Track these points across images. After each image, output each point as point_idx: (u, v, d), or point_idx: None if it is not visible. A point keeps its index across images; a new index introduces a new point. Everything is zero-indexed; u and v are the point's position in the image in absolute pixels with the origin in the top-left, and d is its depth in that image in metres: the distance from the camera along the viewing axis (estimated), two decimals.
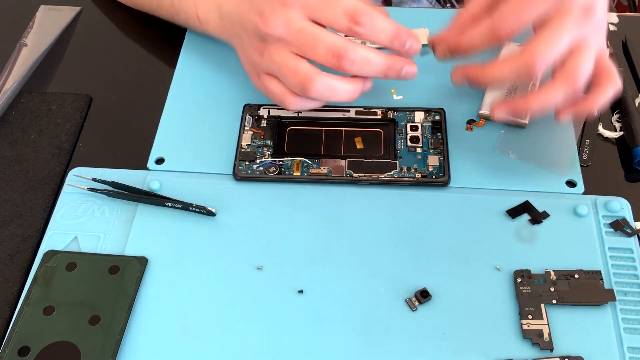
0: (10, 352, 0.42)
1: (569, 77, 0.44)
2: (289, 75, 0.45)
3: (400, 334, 0.43)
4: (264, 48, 0.46)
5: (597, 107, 0.46)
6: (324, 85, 0.44)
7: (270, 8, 0.45)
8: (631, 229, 0.47)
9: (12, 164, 0.52)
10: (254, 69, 0.48)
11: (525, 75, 0.44)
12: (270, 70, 0.47)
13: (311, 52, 0.44)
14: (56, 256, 0.46)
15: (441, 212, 0.48)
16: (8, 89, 0.56)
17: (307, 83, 0.44)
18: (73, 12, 0.64)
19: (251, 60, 0.48)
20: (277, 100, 0.47)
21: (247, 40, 0.48)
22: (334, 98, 0.46)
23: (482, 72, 0.46)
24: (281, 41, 0.45)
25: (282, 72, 0.45)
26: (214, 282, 0.45)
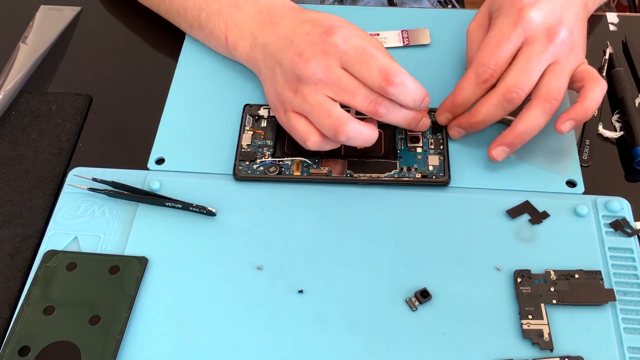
0: (11, 352, 0.42)
1: (542, 96, 0.47)
2: (322, 117, 0.46)
3: (400, 334, 0.43)
4: (298, 87, 0.47)
5: (590, 109, 0.47)
6: (354, 130, 0.46)
7: (312, 52, 0.47)
8: (631, 229, 0.47)
9: (12, 164, 0.52)
10: (282, 105, 0.49)
11: (508, 106, 0.48)
12: (300, 109, 0.47)
13: (348, 97, 0.46)
14: (56, 256, 0.46)
15: (441, 212, 0.48)
16: (8, 89, 0.56)
17: (340, 127, 0.46)
18: (73, 12, 0.64)
19: (281, 96, 0.49)
20: (300, 138, 0.48)
21: (280, 77, 0.49)
22: (358, 142, 0.47)
23: (472, 117, 0.50)
24: (319, 84, 0.46)
25: (314, 113, 0.46)
26: (214, 282, 0.45)
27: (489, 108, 0.48)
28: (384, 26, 0.60)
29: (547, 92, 0.47)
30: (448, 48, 0.59)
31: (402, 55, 0.57)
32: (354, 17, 0.62)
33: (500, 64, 0.48)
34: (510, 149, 0.49)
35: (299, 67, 0.47)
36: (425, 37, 0.59)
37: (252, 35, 0.53)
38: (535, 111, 0.47)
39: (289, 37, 0.49)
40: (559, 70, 0.48)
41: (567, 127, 0.47)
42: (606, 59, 0.58)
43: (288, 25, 0.50)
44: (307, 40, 0.48)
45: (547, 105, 0.47)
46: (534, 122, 0.47)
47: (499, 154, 0.49)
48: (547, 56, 0.48)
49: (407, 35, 0.59)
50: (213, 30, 0.55)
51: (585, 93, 0.48)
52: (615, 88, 0.56)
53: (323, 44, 0.47)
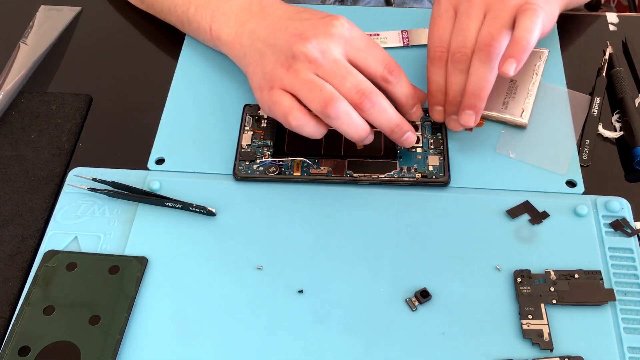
0: (11, 352, 0.42)
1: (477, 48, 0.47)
2: (313, 91, 0.45)
3: (400, 334, 0.43)
4: (291, 64, 0.46)
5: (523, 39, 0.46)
6: (344, 109, 0.45)
7: (313, 32, 0.46)
8: (631, 229, 0.47)
9: (12, 164, 0.52)
10: (268, 82, 0.48)
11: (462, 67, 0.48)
12: (289, 85, 0.46)
13: (338, 81, 0.45)
14: (56, 256, 0.46)
15: (441, 212, 0.48)
16: (8, 89, 0.56)
17: (331, 100, 0.45)
18: (73, 12, 0.64)
19: (270, 74, 0.47)
20: (282, 112, 0.47)
21: (271, 56, 0.48)
22: (345, 127, 0.46)
23: (448, 96, 0.50)
24: (313, 63, 0.46)
25: (305, 87, 0.46)
26: (214, 282, 0.45)
27: (451, 79, 0.49)
28: (384, 26, 0.60)
29: (479, 42, 0.47)
30: None
31: (402, 55, 0.57)
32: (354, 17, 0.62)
33: (443, 39, 0.49)
34: (473, 110, 0.48)
35: (297, 44, 0.46)
36: (425, 37, 0.59)
37: (239, 23, 0.52)
38: (473, 65, 0.47)
39: (283, 22, 0.49)
40: (490, 17, 0.48)
41: (508, 67, 0.46)
42: (606, 59, 0.58)
43: (282, 14, 0.50)
44: (308, 23, 0.47)
45: (481, 55, 0.47)
46: (476, 75, 0.47)
47: (465, 120, 0.48)
48: (474, 9, 0.48)
49: (407, 35, 0.59)
50: (200, 23, 0.55)
51: (515, 26, 0.47)
52: (615, 88, 0.56)
53: (327, 26, 0.47)
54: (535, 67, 0.55)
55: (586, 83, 0.56)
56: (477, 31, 0.48)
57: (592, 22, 0.62)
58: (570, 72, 0.57)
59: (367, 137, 0.47)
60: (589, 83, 0.56)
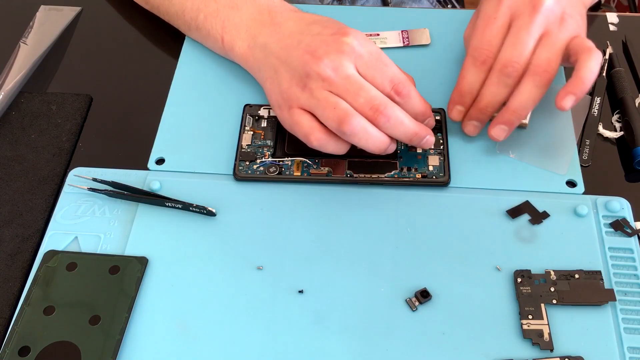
0: (11, 352, 0.42)
1: (532, 69, 0.47)
2: (327, 109, 0.46)
3: (400, 334, 0.43)
4: (306, 84, 0.47)
5: (586, 79, 0.46)
6: (359, 125, 0.45)
7: (325, 50, 0.47)
8: (631, 229, 0.47)
9: (12, 164, 0.52)
10: (286, 102, 0.48)
11: (508, 81, 0.48)
12: (306, 104, 0.47)
13: (351, 98, 0.46)
14: (56, 256, 0.46)
15: (441, 212, 0.48)
16: (8, 89, 0.56)
17: (345, 118, 0.45)
18: (73, 12, 0.64)
19: (287, 93, 0.48)
20: (303, 133, 0.47)
21: (285, 74, 0.48)
22: (363, 142, 0.46)
23: (479, 103, 0.50)
24: (326, 81, 0.46)
25: (320, 106, 0.46)
26: (214, 282, 0.45)
27: (491, 88, 0.49)
28: (384, 26, 0.60)
29: (535, 64, 0.47)
30: (448, 48, 0.59)
31: (402, 55, 0.57)
32: (354, 17, 0.62)
33: (493, 43, 0.48)
34: (508, 126, 0.49)
35: (310, 64, 0.46)
36: (425, 37, 0.59)
37: (251, 36, 0.53)
38: (526, 85, 0.47)
39: (295, 37, 0.49)
40: (548, 42, 0.47)
41: (568, 103, 0.46)
42: (606, 59, 0.58)
43: (292, 27, 0.50)
44: (318, 39, 0.48)
45: (537, 78, 0.47)
46: (525, 96, 0.47)
47: (498, 133, 0.49)
48: (535, 26, 0.47)
49: (407, 36, 0.59)
50: (210, 31, 0.55)
51: (579, 65, 0.47)
52: (615, 88, 0.56)
53: (338, 43, 0.47)
54: None
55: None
56: (533, 49, 0.47)
57: (592, 22, 0.62)
58: (570, 72, 0.56)
59: (389, 148, 0.47)
60: None
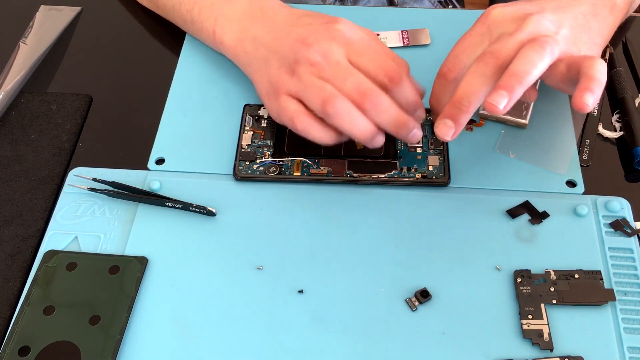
0: (11, 352, 0.42)
1: (533, 38, 0.43)
2: (313, 91, 0.45)
3: (400, 334, 0.43)
4: (295, 69, 0.46)
5: (599, 74, 0.42)
6: (344, 107, 0.45)
7: (315, 38, 0.46)
8: (631, 229, 0.47)
9: (12, 164, 0.52)
10: (274, 89, 0.48)
11: (485, 69, 0.43)
12: (293, 90, 0.47)
13: (339, 82, 0.45)
14: (56, 256, 0.46)
15: (441, 212, 0.48)
16: (8, 89, 0.56)
17: (329, 98, 0.44)
18: (73, 12, 0.64)
19: (275, 81, 0.48)
20: (288, 117, 0.47)
21: (275, 63, 0.48)
22: (347, 125, 0.45)
23: (455, 96, 0.44)
24: (315, 66, 0.46)
25: (307, 89, 0.46)
26: (214, 282, 0.45)
27: (467, 78, 0.44)
28: (384, 26, 0.60)
29: (536, 32, 0.44)
30: (448, 48, 0.58)
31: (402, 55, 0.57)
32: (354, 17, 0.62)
33: (459, 57, 0.47)
34: (508, 93, 0.42)
35: (300, 50, 0.46)
36: (425, 37, 0.59)
37: (241, 29, 0.52)
38: (524, 50, 0.43)
39: (286, 29, 0.49)
40: (544, 26, 0.44)
41: (588, 100, 0.41)
42: (606, 59, 0.58)
43: (283, 19, 0.50)
44: (309, 29, 0.48)
45: (534, 44, 0.43)
46: (525, 58, 0.42)
47: (496, 99, 0.42)
48: (521, 35, 0.44)
49: (407, 36, 0.59)
50: (203, 24, 0.55)
51: (585, 69, 0.43)
52: (615, 88, 0.56)
53: (329, 30, 0.47)
54: None
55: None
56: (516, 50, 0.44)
57: None
58: None
59: (377, 139, 0.46)
60: None
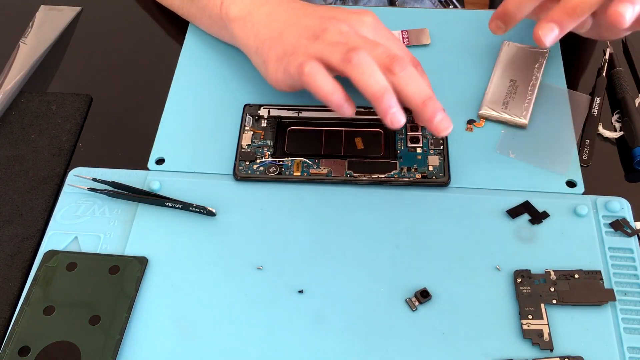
0: (11, 352, 0.42)
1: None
2: (337, 46, 0.44)
3: (400, 334, 0.43)
4: (320, 35, 0.46)
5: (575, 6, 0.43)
6: (367, 60, 0.43)
7: (345, 16, 0.47)
8: (631, 229, 0.47)
9: (12, 164, 0.52)
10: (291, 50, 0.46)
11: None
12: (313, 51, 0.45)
13: (368, 48, 0.45)
14: (56, 256, 0.46)
15: (441, 212, 0.48)
16: (8, 89, 0.56)
17: (355, 48, 0.44)
18: (73, 12, 0.64)
19: (293, 45, 0.46)
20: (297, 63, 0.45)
21: (294, 31, 0.47)
22: (366, 76, 0.43)
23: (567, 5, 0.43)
24: (343, 35, 0.46)
25: (331, 45, 0.44)
26: (214, 282, 0.45)
27: None
28: None
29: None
30: (448, 48, 0.59)
31: None
32: None
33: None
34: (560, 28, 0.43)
35: (329, 22, 0.46)
36: (425, 37, 0.59)
37: (253, 3, 0.52)
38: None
39: (309, 8, 0.49)
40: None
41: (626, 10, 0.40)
42: (606, 59, 0.58)
43: (303, 4, 0.50)
44: (339, 10, 0.48)
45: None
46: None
47: (546, 34, 0.43)
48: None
49: (407, 35, 0.59)
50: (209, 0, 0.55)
51: None
52: (615, 88, 0.56)
53: (359, 13, 0.48)
54: (536, 67, 0.55)
55: (586, 83, 0.56)
56: None
57: None
58: (570, 72, 0.57)
59: (394, 112, 0.43)
60: (589, 83, 0.56)
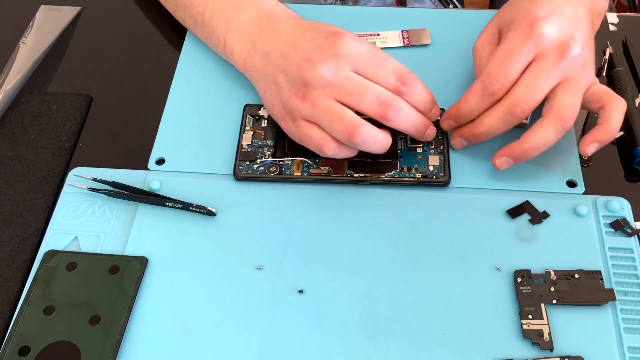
0: (11, 352, 0.42)
1: (555, 113, 0.46)
2: (334, 122, 0.45)
3: (400, 334, 0.43)
4: (306, 93, 0.46)
5: (615, 130, 0.46)
6: (368, 134, 0.45)
7: (320, 56, 0.46)
8: (631, 229, 0.47)
9: (12, 164, 0.52)
10: (289, 113, 0.48)
11: (512, 120, 0.47)
12: (310, 116, 0.46)
13: (358, 99, 0.45)
14: (56, 256, 0.46)
15: (441, 212, 0.48)
16: (8, 89, 0.56)
17: (354, 130, 0.45)
18: (73, 12, 0.64)
19: (288, 105, 0.47)
20: (315, 145, 0.47)
21: (284, 84, 0.48)
22: (372, 147, 0.46)
23: (475, 129, 0.49)
24: (327, 88, 0.45)
25: (325, 118, 0.45)
26: (214, 282, 0.45)
27: (492, 121, 0.47)
28: (384, 26, 0.60)
29: (560, 109, 0.46)
30: (448, 48, 0.59)
31: (402, 55, 0.57)
32: (354, 17, 0.62)
33: (508, 78, 0.46)
34: (514, 161, 0.48)
35: (307, 71, 0.46)
36: (426, 37, 0.59)
37: (251, 41, 0.52)
38: (546, 128, 0.46)
39: (292, 44, 0.48)
40: (572, 88, 0.46)
41: (592, 149, 0.47)
42: (606, 59, 0.58)
43: (290, 34, 0.50)
44: (313, 45, 0.47)
45: (559, 123, 0.45)
46: (543, 138, 0.46)
47: (502, 164, 0.48)
48: (557, 72, 0.46)
49: (407, 35, 0.59)
50: (214, 30, 0.55)
51: (608, 114, 0.46)
52: (615, 88, 0.55)
53: (333, 46, 0.46)
54: None
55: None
56: (547, 94, 0.47)
57: None
58: None
59: (389, 143, 0.47)
60: None
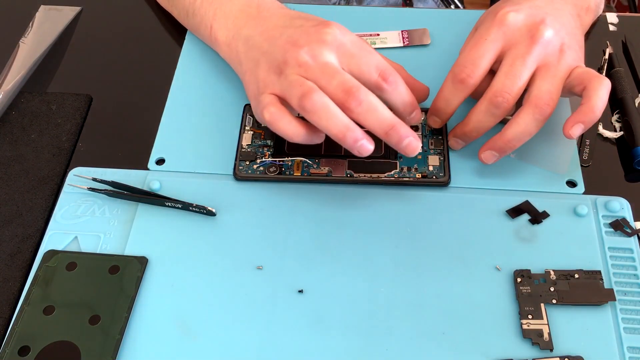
0: (11, 352, 0.42)
1: (532, 101, 0.46)
2: (295, 87, 0.44)
3: (400, 334, 0.43)
4: (282, 70, 0.46)
5: (597, 108, 0.45)
6: (320, 102, 0.43)
7: (306, 40, 0.46)
8: (631, 229, 0.47)
9: (12, 164, 0.52)
10: (261, 89, 0.47)
11: (496, 112, 0.47)
12: (278, 89, 0.46)
13: (324, 81, 0.44)
14: (56, 256, 0.46)
15: (441, 212, 0.48)
16: (8, 89, 0.56)
17: (308, 92, 0.43)
18: (73, 12, 0.64)
19: (263, 82, 0.47)
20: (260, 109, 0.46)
21: (265, 64, 0.47)
22: (324, 121, 0.43)
23: (465, 126, 0.49)
24: (302, 67, 0.45)
25: (290, 86, 0.45)
26: (214, 282, 0.45)
27: (479, 116, 0.47)
28: (384, 26, 0.60)
29: (537, 96, 0.46)
30: (448, 48, 0.59)
31: (402, 55, 0.57)
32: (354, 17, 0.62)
33: (477, 64, 0.47)
34: (499, 153, 0.48)
35: (290, 52, 0.45)
36: (426, 37, 0.59)
37: (236, 26, 0.52)
38: (524, 117, 0.46)
39: (278, 30, 0.48)
40: (549, 74, 0.46)
41: (576, 131, 0.45)
42: (606, 59, 0.58)
43: (277, 21, 0.50)
44: (300, 30, 0.47)
45: (537, 111, 0.45)
46: (523, 127, 0.46)
47: (487, 158, 0.48)
48: (532, 57, 0.46)
49: (407, 35, 0.59)
50: (203, 18, 0.55)
51: (589, 93, 0.45)
52: (615, 88, 0.56)
53: (319, 33, 0.46)
54: None
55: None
56: (527, 81, 0.46)
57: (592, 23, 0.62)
58: None
59: (361, 143, 0.44)
60: None
